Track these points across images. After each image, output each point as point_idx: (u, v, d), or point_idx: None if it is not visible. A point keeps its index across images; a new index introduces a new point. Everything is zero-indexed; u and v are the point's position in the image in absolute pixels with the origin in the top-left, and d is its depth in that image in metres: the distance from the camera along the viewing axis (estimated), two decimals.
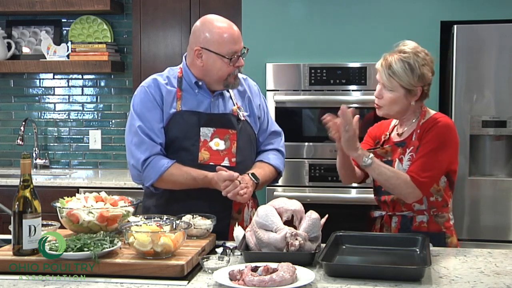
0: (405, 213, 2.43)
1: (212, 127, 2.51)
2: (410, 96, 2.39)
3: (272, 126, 2.72)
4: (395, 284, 1.86)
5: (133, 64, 4.35)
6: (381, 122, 2.63)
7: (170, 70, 2.61)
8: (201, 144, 2.49)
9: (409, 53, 2.37)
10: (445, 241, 2.41)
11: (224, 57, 2.44)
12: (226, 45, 2.44)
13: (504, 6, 3.64)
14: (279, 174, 2.67)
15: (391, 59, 2.38)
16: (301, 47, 3.80)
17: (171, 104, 2.50)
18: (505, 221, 3.62)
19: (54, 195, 2.77)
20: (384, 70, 2.38)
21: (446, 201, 2.43)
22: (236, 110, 2.57)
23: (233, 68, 2.47)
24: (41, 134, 4.80)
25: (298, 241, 2.06)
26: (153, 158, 2.45)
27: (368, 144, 2.58)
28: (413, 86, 2.37)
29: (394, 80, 2.37)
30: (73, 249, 1.96)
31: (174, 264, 1.92)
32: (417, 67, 2.36)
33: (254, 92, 2.68)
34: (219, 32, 2.45)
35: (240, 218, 2.54)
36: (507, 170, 3.66)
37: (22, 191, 2.03)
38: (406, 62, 2.36)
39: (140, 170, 2.47)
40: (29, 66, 4.53)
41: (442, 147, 2.35)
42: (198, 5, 4.20)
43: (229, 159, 2.51)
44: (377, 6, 3.75)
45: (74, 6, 4.38)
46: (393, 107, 2.41)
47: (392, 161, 2.43)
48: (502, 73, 3.60)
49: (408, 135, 2.44)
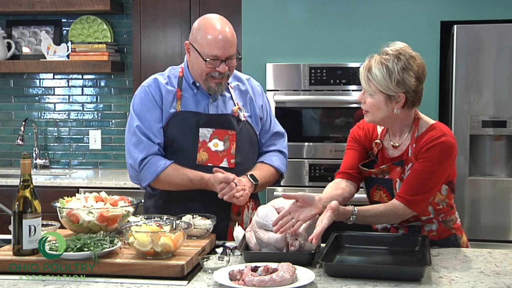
0: (413, 224, 2.34)
1: (211, 127, 2.49)
2: (391, 102, 2.21)
3: (275, 127, 2.70)
4: (395, 284, 1.86)
5: (133, 64, 4.35)
6: (362, 122, 2.43)
7: (172, 69, 2.61)
8: (200, 144, 2.48)
9: (389, 56, 2.20)
10: (457, 242, 2.35)
11: (202, 57, 2.42)
12: (207, 47, 2.41)
13: (504, 6, 3.64)
14: (281, 175, 2.65)
15: (372, 61, 2.22)
16: (301, 47, 3.80)
17: (171, 104, 2.50)
18: (505, 221, 3.62)
19: (54, 195, 2.78)
20: (364, 72, 2.23)
21: (451, 205, 2.36)
22: (237, 111, 2.55)
23: (210, 69, 2.43)
24: (41, 134, 4.80)
25: (298, 241, 2.06)
26: (151, 158, 2.45)
27: (356, 150, 2.41)
28: (393, 91, 2.19)
29: (372, 84, 2.21)
30: (73, 249, 1.96)
31: (174, 264, 1.92)
32: (396, 71, 2.17)
33: (257, 93, 2.66)
34: (206, 32, 2.42)
35: (239, 220, 2.52)
36: (507, 170, 3.66)
37: (22, 191, 2.03)
38: (385, 65, 2.18)
39: (137, 170, 2.47)
40: (29, 66, 4.53)
41: (439, 168, 2.22)
42: (198, 5, 4.20)
43: (228, 160, 2.50)
44: (377, 6, 3.75)
45: (74, 6, 4.38)
46: (376, 114, 2.24)
47: (392, 180, 2.30)
48: (502, 73, 3.60)
49: (404, 150, 2.30)
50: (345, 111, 3.80)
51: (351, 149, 2.43)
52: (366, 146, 2.41)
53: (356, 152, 2.41)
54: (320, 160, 3.79)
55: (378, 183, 2.35)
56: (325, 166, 3.78)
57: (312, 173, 3.78)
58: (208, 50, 2.41)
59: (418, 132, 2.29)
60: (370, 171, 2.35)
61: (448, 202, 2.34)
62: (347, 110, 3.80)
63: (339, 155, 3.74)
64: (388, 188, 2.32)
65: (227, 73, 2.46)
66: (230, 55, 2.43)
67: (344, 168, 2.40)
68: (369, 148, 2.41)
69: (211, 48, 2.40)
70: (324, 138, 3.83)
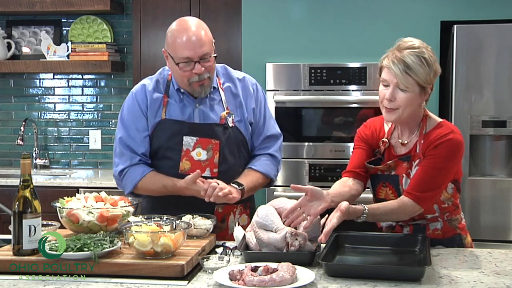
0: (418, 222, 2.34)
1: (195, 136, 2.47)
2: (423, 95, 2.22)
3: (269, 130, 2.63)
4: (395, 284, 1.86)
5: (133, 64, 4.35)
6: (370, 122, 2.46)
7: (163, 71, 2.59)
8: (183, 153, 2.47)
9: (420, 48, 2.19)
10: (462, 242, 2.35)
11: (174, 62, 2.40)
12: (178, 50, 2.38)
13: (504, 6, 3.64)
14: (271, 180, 2.62)
15: (402, 55, 2.18)
16: (301, 47, 3.80)
17: (157, 112, 2.50)
18: (505, 221, 3.62)
19: (54, 195, 2.78)
20: (398, 66, 2.16)
21: (457, 204, 2.36)
22: (225, 116, 2.50)
23: (189, 74, 2.40)
24: (41, 134, 4.80)
25: (298, 241, 2.06)
26: (129, 169, 2.49)
27: (363, 149, 2.41)
28: (428, 83, 2.19)
29: (410, 77, 2.16)
30: (73, 249, 1.96)
31: (174, 264, 1.92)
32: (432, 62, 2.19)
33: (249, 94, 2.58)
34: (175, 36, 2.39)
35: (223, 227, 2.50)
36: (507, 170, 3.66)
37: (22, 191, 2.03)
38: (422, 56, 2.17)
39: (119, 179, 2.53)
40: (29, 66, 4.53)
41: (447, 165, 2.23)
42: (198, 5, 4.20)
43: (210, 169, 2.47)
44: (377, 6, 3.75)
45: (74, 6, 4.38)
46: (406, 109, 2.21)
47: (399, 176, 2.30)
48: (502, 73, 3.60)
49: (412, 147, 2.30)
50: (345, 111, 3.80)
51: (358, 148, 2.43)
52: (373, 145, 2.42)
53: (363, 151, 2.42)
54: (320, 160, 3.79)
55: (384, 180, 2.35)
56: (325, 166, 3.78)
57: (312, 173, 3.78)
58: (179, 53, 2.38)
59: (426, 129, 2.29)
60: (376, 168, 2.35)
61: (453, 201, 2.34)
62: (347, 110, 3.80)
63: (339, 155, 3.75)
64: (394, 185, 2.33)
65: (207, 74, 2.42)
66: (203, 54, 2.38)
67: (351, 167, 2.41)
68: (376, 147, 2.42)
69: (181, 50, 2.37)
70: (324, 138, 3.83)
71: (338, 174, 2.52)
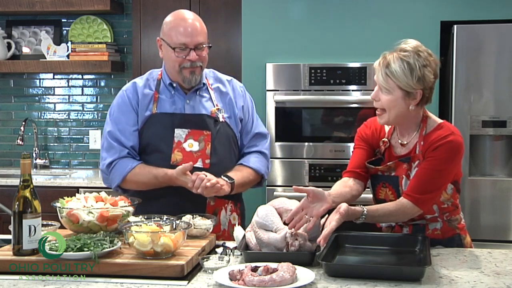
0: (417, 222, 2.34)
1: (187, 128, 2.50)
2: (408, 99, 2.22)
3: (257, 128, 2.68)
4: (395, 284, 1.86)
5: (133, 64, 4.35)
6: (370, 121, 2.46)
7: (152, 72, 2.65)
8: (175, 145, 2.49)
9: (409, 52, 2.20)
10: (461, 242, 2.35)
11: (170, 47, 2.47)
12: (175, 36, 2.47)
13: (504, 6, 3.64)
14: (262, 176, 2.64)
15: (390, 57, 2.22)
16: (301, 47, 3.80)
17: (147, 106, 2.53)
18: (505, 221, 3.62)
19: (54, 195, 2.78)
20: (382, 69, 2.22)
21: (456, 204, 2.36)
22: (215, 112, 2.55)
23: (182, 60, 2.47)
24: (41, 134, 4.80)
25: (298, 241, 2.06)
26: (118, 161, 2.49)
27: (364, 149, 2.42)
28: (412, 88, 2.19)
29: (391, 81, 2.20)
30: (73, 249, 1.96)
31: (174, 264, 1.92)
32: (417, 68, 2.18)
33: (238, 94, 2.66)
34: (173, 23, 2.49)
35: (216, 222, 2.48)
36: (507, 170, 3.66)
37: (22, 191, 2.03)
38: (406, 61, 2.19)
39: (107, 172, 2.53)
40: (29, 66, 4.53)
41: (447, 167, 2.23)
42: (198, 5, 4.20)
43: (202, 160, 2.49)
44: (377, 6, 3.75)
45: (74, 6, 4.38)
46: (392, 111, 2.23)
47: (398, 177, 2.30)
48: (502, 73, 3.60)
49: (412, 148, 2.30)
50: (345, 111, 3.80)
51: (358, 148, 2.44)
52: (373, 145, 2.42)
53: (363, 151, 2.42)
54: (320, 160, 3.79)
55: (384, 180, 2.36)
56: (325, 166, 3.77)
57: (312, 173, 3.78)
58: (176, 39, 2.46)
59: (426, 131, 2.30)
60: (376, 168, 2.35)
61: (453, 201, 2.34)
62: (347, 110, 3.80)
63: (339, 155, 3.75)
64: (394, 186, 2.33)
65: (199, 63, 2.49)
66: (198, 43, 2.47)
67: (351, 167, 2.41)
68: (377, 146, 2.42)
69: (178, 36, 2.46)
70: (324, 138, 3.83)
71: (338, 174, 2.53)
